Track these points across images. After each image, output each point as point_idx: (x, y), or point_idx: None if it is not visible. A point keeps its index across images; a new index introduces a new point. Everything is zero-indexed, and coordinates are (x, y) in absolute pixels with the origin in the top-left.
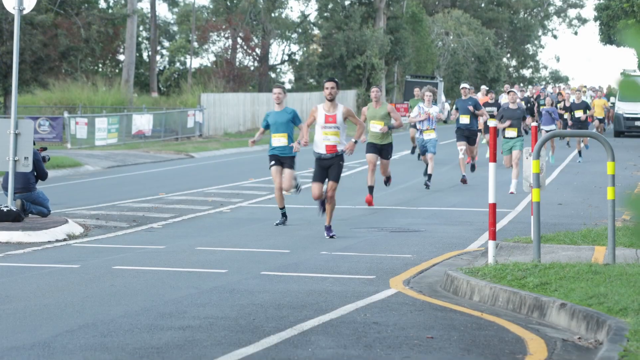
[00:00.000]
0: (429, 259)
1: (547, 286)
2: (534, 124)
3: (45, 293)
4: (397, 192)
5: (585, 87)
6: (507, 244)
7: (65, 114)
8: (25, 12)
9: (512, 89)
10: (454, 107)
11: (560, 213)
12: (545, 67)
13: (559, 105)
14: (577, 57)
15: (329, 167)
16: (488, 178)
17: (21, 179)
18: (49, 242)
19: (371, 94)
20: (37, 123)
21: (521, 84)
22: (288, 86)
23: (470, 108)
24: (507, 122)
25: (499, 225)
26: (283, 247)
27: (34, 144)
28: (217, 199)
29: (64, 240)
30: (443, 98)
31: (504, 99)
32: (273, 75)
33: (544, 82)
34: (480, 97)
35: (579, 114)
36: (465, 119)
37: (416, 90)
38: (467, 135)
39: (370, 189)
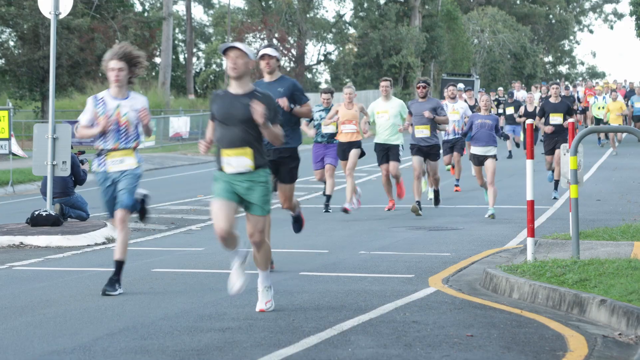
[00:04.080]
0: (468, 257)
1: (586, 282)
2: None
3: (85, 297)
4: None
5: (617, 83)
6: (545, 241)
7: None
8: (61, 16)
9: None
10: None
11: (598, 209)
12: (582, 63)
13: (519, 110)
14: (613, 52)
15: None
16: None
17: (60, 183)
18: (88, 245)
19: None
20: (75, 127)
21: (558, 80)
22: (324, 86)
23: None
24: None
25: (537, 222)
26: (321, 247)
27: (72, 148)
28: None
29: (103, 243)
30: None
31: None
32: (309, 75)
33: (580, 78)
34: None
35: (556, 118)
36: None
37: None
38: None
39: None
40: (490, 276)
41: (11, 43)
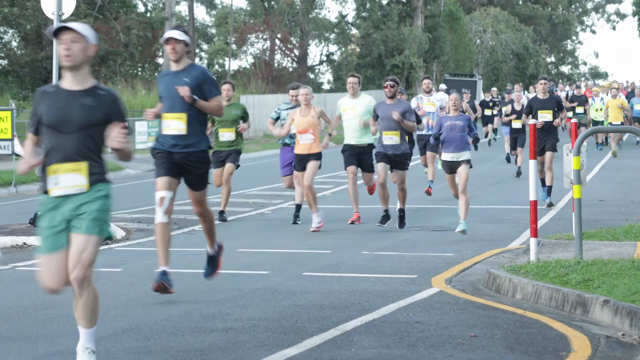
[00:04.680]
0: (471, 258)
1: (589, 283)
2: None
3: None
4: (436, 191)
5: (619, 83)
6: (548, 241)
7: None
8: (64, 17)
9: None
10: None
11: (601, 209)
12: (585, 63)
13: (504, 110)
14: (616, 52)
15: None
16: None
17: None
18: None
19: None
20: None
21: (559, 81)
22: (327, 87)
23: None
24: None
25: (540, 223)
26: (324, 247)
27: None
28: (258, 200)
29: (106, 244)
30: (482, 96)
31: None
32: (312, 76)
33: (583, 78)
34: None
35: (545, 115)
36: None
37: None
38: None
39: None
40: (493, 276)
41: (14, 44)
